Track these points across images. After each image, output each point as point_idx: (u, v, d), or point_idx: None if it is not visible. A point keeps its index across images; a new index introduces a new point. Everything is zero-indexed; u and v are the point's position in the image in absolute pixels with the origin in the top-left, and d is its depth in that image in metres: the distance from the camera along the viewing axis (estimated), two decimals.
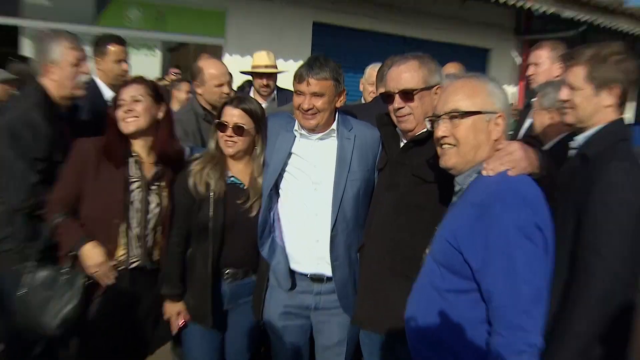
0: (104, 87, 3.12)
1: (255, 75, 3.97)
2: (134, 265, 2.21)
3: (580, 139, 1.83)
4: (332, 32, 7.18)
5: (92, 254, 2.10)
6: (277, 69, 4.03)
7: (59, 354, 2.34)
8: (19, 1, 5.68)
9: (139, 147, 2.25)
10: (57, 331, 2.06)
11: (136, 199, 2.19)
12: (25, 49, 5.59)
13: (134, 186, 2.20)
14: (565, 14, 7.63)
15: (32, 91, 2.38)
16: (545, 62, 3.12)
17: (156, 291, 2.26)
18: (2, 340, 2.31)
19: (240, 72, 4.19)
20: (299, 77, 2.09)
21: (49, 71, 2.39)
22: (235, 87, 4.41)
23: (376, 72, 3.05)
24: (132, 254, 2.20)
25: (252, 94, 3.96)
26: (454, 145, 1.60)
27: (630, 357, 1.67)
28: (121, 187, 2.16)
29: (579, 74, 1.78)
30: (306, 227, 2.17)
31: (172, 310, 2.27)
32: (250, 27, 6.60)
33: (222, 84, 3.03)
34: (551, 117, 2.50)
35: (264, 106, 2.41)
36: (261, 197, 2.23)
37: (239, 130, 2.20)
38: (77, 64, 2.43)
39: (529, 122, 3.00)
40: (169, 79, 5.71)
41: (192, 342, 2.29)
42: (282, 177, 2.21)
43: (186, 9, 6.54)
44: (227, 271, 2.26)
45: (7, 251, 2.23)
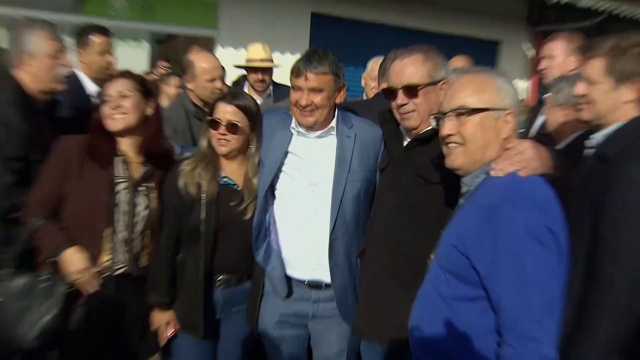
0: (86, 81, 3.12)
1: (249, 69, 3.98)
2: (120, 271, 2.21)
3: (598, 137, 1.81)
4: (332, 24, 7.18)
5: (74, 260, 2.10)
6: (273, 62, 4.04)
7: None
8: None
9: (126, 145, 2.26)
10: (35, 343, 2.04)
11: (123, 200, 2.20)
12: None
13: (120, 187, 2.21)
14: (582, 3, 7.54)
15: (5, 85, 2.36)
16: (559, 54, 3.12)
17: (143, 299, 2.27)
18: None
19: (233, 66, 4.20)
20: (296, 72, 2.10)
21: (25, 63, 2.38)
22: (229, 82, 4.43)
23: (378, 66, 3.07)
24: (118, 260, 2.20)
25: (247, 90, 3.97)
26: (461, 144, 1.60)
27: None
28: (106, 188, 2.16)
29: (597, 67, 1.76)
30: (303, 231, 2.18)
31: (161, 319, 2.28)
32: (244, 18, 6.60)
33: (215, 79, 3.05)
34: (566, 114, 2.50)
35: (259, 102, 2.42)
36: (256, 198, 2.24)
37: (232, 128, 2.21)
38: (56, 55, 2.42)
39: (541, 120, 3.01)
40: (157, 73, 5.71)
41: (182, 353, 2.30)
42: (279, 177, 2.22)
43: None
44: (220, 277, 2.27)
45: None
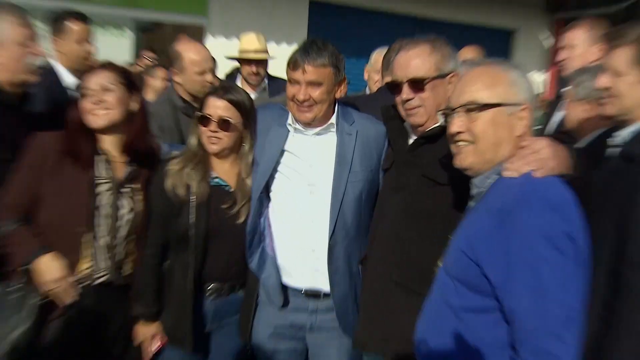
0: (64, 72, 3.09)
1: (243, 61, 3.98)
2: (101, 280, 2.20)
3: (623, 134, 1.80)
4: (332, 11, 7.17)
5: (49, 268, 2.09)
6: (268, 54, 4.04)
7: None
8: None
9: (109, 143, 2.25)
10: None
11: (104, 203, 2.19)
12: None
13: (102, 188, 2.20)
14: None
15: None
16: (581, 44, 3.10)
17: (127, 311, 2.26)
18: None
19: (225, 57, 4.20)
20: (293, 64, 2.10)
21: None
22: (222, 74, 4.43)
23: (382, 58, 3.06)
24: (99, 267, 2.19)
25: (240, 83, 3.97)
26: (471, 142, 1.60)
27: None
28: (86, 189, 2.15)
29: (623, 57, 1.75)
30: (301, 236, 2.18)
31: (146, 332, 2.27)
32: (237, 5, 6.59)
33: (205, 71, 3.04)
34: (587, 109, 2.49)
35: (253, 97, 2.43)
36: (250, 201, 2.24)
37: (224, 124, 2.21)
38: (26, 43, 2.38)
39: (560, 115, 3.00)
40: (141, 64, 5.70)
41: None
42: (274, 178, 2.22)
43: None
44: (211, 286, 2.27)
45: None
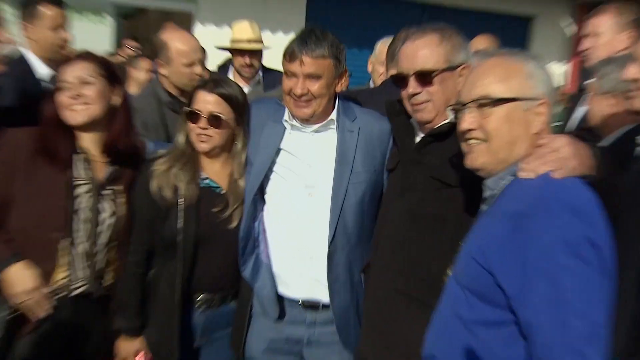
0: (36, 61, 3.08)
1: (235, 51, 3.98)
2: (79, 291, 2.20)
3: None
4: None
5: (21, 278, 2.08)
6: (262, 44, 4.03)
7: None
8: None
9: (89, 141, 2.25)
10: None
11: (83, 206, 2.18)
12: None
13: (80, 190, 2.19)
14: None
15: None
16: (606, 32, 3.07)
17: (107, 324, 2.26)
18: None
19: (216, 47, 4.19)
20: (290, 55, 2.10)
21: None
22: (214, 66, 4.42)
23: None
24: (77, 277, 2.19)
25: (232, 76, 3.97)
26: (483, 140, 1.60)
27: None
28: (63, 191, 2.14)
29: None
30: (298, 241, 2.18)
31: (128, 348, 2.27)
32: None
33: (193, 63, 3.03)
34: (613, 104, 2.48)
35: (246, 91, 2.43)
36: (243, 204, 2.24)
37: (214, 120, 2.21)
38: None
39: (582, 111, 3.00)
40: (123, 54, 5.70)
41: None
42: (269, 179, 2.22)
43: None
44: (200, 297, 2.27)
45: None
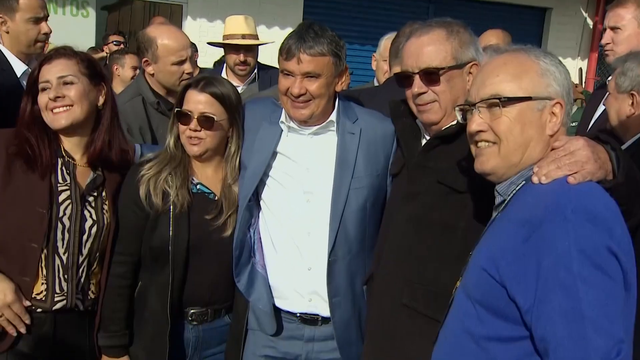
0: (11, 57, 3.07)
1: (228, 48, 3.97)
2: (60, 305, 2.18)
3: None
4: None
5: None
6: (258, 39, 4.03)
7: None
8: None
9: (71, 145, 2.24)
10: None
11: (65, 214, 2.17)
12: None
13: (62, 197, 2.18)
14: None
15: None
16: (628, 25, 3.08)
17: (91, 341, 2.24)
18: None
19: (207, 43, 4.19)
20: (286, 52, 2.10)
21: None
22: (209, 63, 4.41)
23: None
24: (58, 290, 2.17)
25: (225, 74, 3.96)
26: (494, 142, 1.59)
27: None
28: (43, 198, 2.13)
29: None
30: (296, 251, 2.18)
31: None
32: None
33: (183, 61, 3.02)
34: (634, 103, 2.48)
35: (240, 90, 2.42)
36: (237, 211, 2.24)
37: (206, 122, 2.20)
38: None
39: (601, 110, 3.00)
40: (107, 50, 5.68)
41: None
42: (265, 184, 2.22)
43: None
44: (192, 311, 2.27)
45: None
